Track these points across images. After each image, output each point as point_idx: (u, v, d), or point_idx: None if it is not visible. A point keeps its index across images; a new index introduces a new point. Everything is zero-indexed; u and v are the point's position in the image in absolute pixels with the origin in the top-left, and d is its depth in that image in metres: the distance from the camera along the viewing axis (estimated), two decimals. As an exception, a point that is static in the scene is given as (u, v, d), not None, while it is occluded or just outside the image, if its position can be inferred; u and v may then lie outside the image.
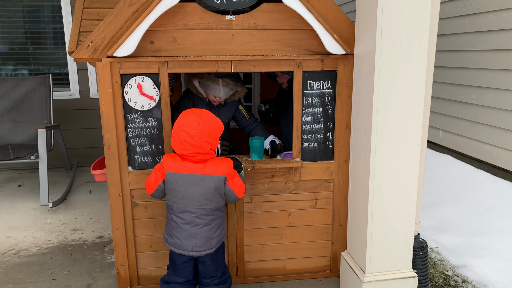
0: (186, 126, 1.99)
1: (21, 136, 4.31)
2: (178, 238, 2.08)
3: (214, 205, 2.09)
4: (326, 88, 2.42)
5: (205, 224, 2.08)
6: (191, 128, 1.98)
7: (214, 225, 2.10)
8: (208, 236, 2.09)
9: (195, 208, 2.06)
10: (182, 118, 2.03)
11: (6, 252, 3.06)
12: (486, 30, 3.82)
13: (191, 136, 1.98)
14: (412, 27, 1.98)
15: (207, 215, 2.08)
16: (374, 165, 2.12)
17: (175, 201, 2.08)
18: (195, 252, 2.08)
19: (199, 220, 2.07)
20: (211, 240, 2.10)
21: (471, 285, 2.57)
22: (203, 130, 1.99)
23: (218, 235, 2.13)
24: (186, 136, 1.99)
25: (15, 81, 4.40)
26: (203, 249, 2.09)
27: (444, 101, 4.53)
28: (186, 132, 1.99)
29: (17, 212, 3.76)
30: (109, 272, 2.79)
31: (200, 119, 2.00)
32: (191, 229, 2.07)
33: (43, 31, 4.90)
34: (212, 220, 2.10)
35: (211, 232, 2.10)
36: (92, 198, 4.12)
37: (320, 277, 2.69)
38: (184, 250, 2.08)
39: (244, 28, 2.26)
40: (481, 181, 3.75)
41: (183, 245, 2.08)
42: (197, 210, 2.06)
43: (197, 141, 1.99)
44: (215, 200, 2.09)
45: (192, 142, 1.99)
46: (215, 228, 2.11)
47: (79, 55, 2.17)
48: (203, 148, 2.01)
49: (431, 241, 3.03)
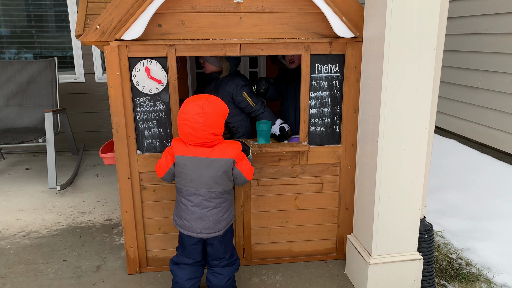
0: (189, 120, 1.99)
1: (28, 120, 4.33)
2: (187, 220, 2.11)
3: (222, 188, 2.11)
4: (334, 72, 2.41)
5: (214, 207, 2.10)
6: (193, 122, 1.98)
7: (222, 208, 2.13)
8: (217, 219, 2.12)
9: (203, 191, 2.08)
10: (184, 110, 2.02)
11: (16, 234, 3.12)
12: (495, 13, 3.77)
13: (195, 130, 1.99)
14: (422, 9, 1.96)
15: (216, 198, 2.10)
16: (381, 148, 2.13)
17: (184, 184, 2.10)
18: (203, 234, 2.11)
19: (208, 203, 2.09)
20: (219, 223, 2.13)
21: (475, 268, 2.61)
22: (205, 122, 1.99)
23: (226, 217, 2.16)
24: (190, 129, 2.00)
25: (20, 65, 4.40)
26: (211, 232, 2.12)
27: (449, 85, 4.50)
28: (189, 126, 1.99)
29: (25, 195, 3.81)
30: (118, 253, 2.84)
31: (201, 111, 1.98)
32: (200, 212, 2.09)
33: (46, 14, 4.87)
34: (221, 203, 2.12)
35: (219, 214, 2.12)
36: (99, 181, 4.16)
37: (326, 259, 2.73)
38: (193, 232, 2.11)
39: (252, 10, 2.25)
40: (485, 166, 3.76)
41: (192, 227, 2.11)
42: (206, 193, 2.09)
43: (201, 133, 2.00)
44: (224, 183, 2.11)
45: (196, 134, 2.00)
46: (223, 211, 2.14)
47: (86, 39, 2.16)
48: (207, 138, 2.03)
49: (436, 225, 3.06)
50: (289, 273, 2.60)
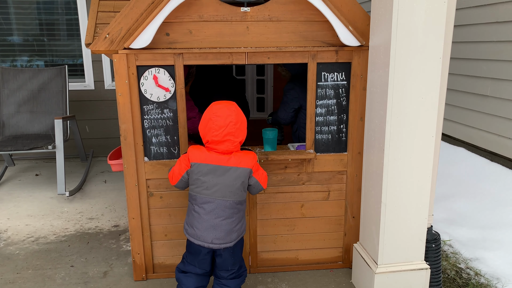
0: (228, 125, 2.03)
1: (38, 127, 4.39)
2: (199, 229, 2.09)
3: (236, 198, 2.10)
4: (340, 80, 2.42)
5: (227, 216, 2.09)
6: (231, 127, 2.03)
7: (235, 218, 2.12)
8: (229, 229, 2.10)
9: (218, 199, 2.08)
10: (216, 108, 2.06)
11: (25, 239, 3.15)
12: (504, 20, 3.75)
13: (234, 135, 2.04)
14: (428, 18, 1.97)
15: (229, 208, 2.09)
16: (388, 157, 2.12)
17: (199, 191, 2.09)
18: (214, 244, 2.09)
19: (221, 212, 2.08)
20: (231, 234, 2.11)
21: (484, 278, 2.57)
22: (237, 117, 2.05)
23: (238, 229, 2.14)
24: (229, 136, 2.03)
25: (32, 72, 4.48)
26: (222, 242, 2.10)
27: (458, 93, 4.48)
28: (229, 132, 2.03)
29: (35, 201, 3.85)
30: (124, 260, 2.85)
31: (235, 108, 2.07)
32: (213, 221, 2.08)
33: (58, 23, 4.96)
34: (234, 213, 2.11)
35: (232, 225, 2.10)
36: (107, 187, 4.20)
37: (332, 268, 2.71)
38: (204, 242, 2.09)
39: (259, 20, 2.27)
40: (495, 174, 3.72)
41: (203, 237, 2.09)
42: (220, 202, 2.08)
43: (232, 128, 2.03)
44: (238, 193, 2.10)
45: (233, 139, 2.04)
46: (236, 222, 2.12)
47: (96, 47, 2.20)
48: (236, 136, 2.05)
49: (444, 234, 3.03)
50: (295, 281, 2.59)
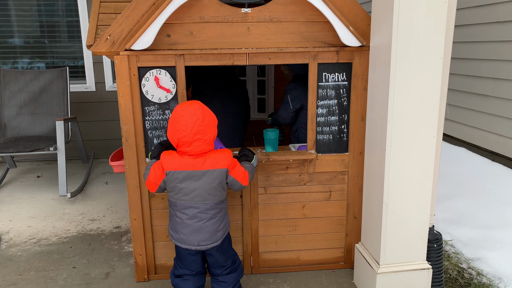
0: (186, 114, 1.97)
1: (40, 128, 4.39)
2: (184, 234, 2.08)
3: (217, 198, 2.08)
4: (341, 80, 2.42)
5: (210, 218, 2.07)
6: (192, 114, 1.96)
7: (218, 218, 2.10)
8: (214, 230, 2.09)
9: (198, 203, 2.05)
10: (179, 109, 2.00)
11: (27, 241, 3.16)
12: (504, 20, 3.75)
13: (193, 122, 1.95)
14: (429, 18, 1.97)
15: (211, 209, 2.07)
16: (389, 157, 2.13)
17: (178, 197, 2.06)
18: (201, 246, 2.08)
19: (204, 215, 2.06)
20: (216, 233, 2.10)
21: (486, 278, 2.57)
22: (203, 114, 1.98)
23: (223, 227, 2.13)
24: (188, 122, 1.95)
25: (33, 74, 4.48)
26: (209, 243, 2.09)
27: (459, 93, 4.48)
28: (184, 116, 1.96)
29: (36, 203, 3.86)
30: (126, 261, 2.85)
31: (199, 105, 2.01)
32: (196, 224, 2.06)
33: (59, 25, 4.97)
34: (216, 213, 2.09)
35: (216, 225, 2.09)
36: (109, 189, 4.20)
37: (334, 268, 2.71)
38: (191, 245, 2.08)
39: (260, 20, 2.27)
40: (496, 174, 3.72)
41: (189, 240, 2.08)
42: (201, 205, 2.05)
43: (199, 125, 1.95)
44: (218, 194, 2.08)
45: (205, 138, 1.98)
46: (219, 221, 2.11)
47: (97, 49, 2.21)
48: (205, 133, 1.97)
49: (446, 234, 3.03)
50: (297, 282, 2.59)
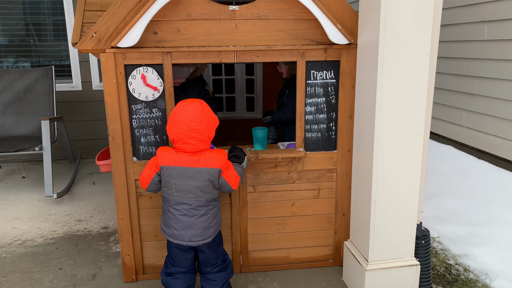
0: (185, 111, 2.01)
1: (25, 128, 4.32)
2: (176, 229, 2.09)
3: (209, 196, 2.10)
4: (329, 78, 2.43)
5: (202, 214, 2.09)
6: (191, 112, 2.00)
7: (210, 215, 2.12)
8: (205, 226, 2.10)
9: (191, 200, 2.07)
10: (180, 105, 2.04)
11: (12, 242, 3.10)
12: (490, 20, 3.81)
13: (190, 120, 1.99)
14: (415, 16, 1.98)
15: (203, 206, 2.09)
16: (377, 154, 2.13)
17: (171, 193, 2.08)
18: (193, 242, 2.09)
19: (196, 211, 2.08)
20: (208, 230, 2.11)
21: (473, 274, 2.60)
22: (202, 114, 2.01)
23: (214, 224, 2.15)
24: (185, 119, 1.99)
25: (18, 73, 4.41)
26: (200, 239, 2.10)
27: (446, 91, 4.53)
28: (183, 112, 2.00)
29: (22, 204, 3.79)
30: (114, 261, 2.82)
31: (200, 104, 2.04)
32: (188, 220, 2.08)
33: (44, 23, 4.90)
34: (208, 210, 2.11)
35: (208, 222, 2.11)
36: (96, 189, 4.15)
37: (323, 266, 2.72)
38: (182, 241, 2.09)
39: (247, 18, 2.26)
40: (483, 172, 3.76)
41: (181, 236, 2.09)
42: (193, 202, 2.07)
43: (196, 124, 1.99)
44: (210, 192, 2.09)
45: (191, 125, 2.00)
46: (211, 218, 2.12)
47: (83, 46, 2.17)
48: (201, 133, 2.01)
49: (433, 231, 3.06)
50: (286, 280, 2.59)
